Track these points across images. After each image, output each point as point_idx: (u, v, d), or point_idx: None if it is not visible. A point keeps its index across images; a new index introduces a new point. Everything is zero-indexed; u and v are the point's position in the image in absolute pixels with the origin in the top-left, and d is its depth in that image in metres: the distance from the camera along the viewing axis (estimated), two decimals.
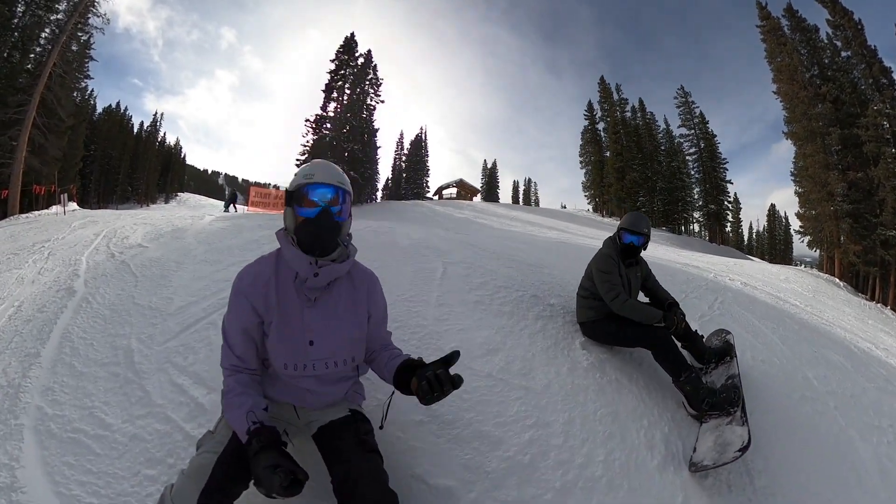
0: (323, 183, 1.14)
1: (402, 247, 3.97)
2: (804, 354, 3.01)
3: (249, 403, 1.07)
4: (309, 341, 1.15)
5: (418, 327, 2.17)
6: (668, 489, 1.43)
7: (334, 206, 1.15)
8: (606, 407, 1.76)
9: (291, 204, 1.17)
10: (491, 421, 1.57)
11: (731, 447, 1.54)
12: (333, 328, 1.17)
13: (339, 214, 1.17)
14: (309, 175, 1.15)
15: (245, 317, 1.15)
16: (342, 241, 1.20)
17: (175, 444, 1.53)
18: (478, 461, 1.40)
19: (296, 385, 1.19)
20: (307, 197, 1.15)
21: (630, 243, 2.29)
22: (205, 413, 1.66)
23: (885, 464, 1.95)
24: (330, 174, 1.16)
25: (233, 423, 1.07)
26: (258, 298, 1.15)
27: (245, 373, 1.16)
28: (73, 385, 1.90)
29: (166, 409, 1.70)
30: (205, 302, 2.65)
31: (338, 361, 1.18)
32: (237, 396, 1.09)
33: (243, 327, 1.15)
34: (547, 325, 2.40)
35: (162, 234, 4.91)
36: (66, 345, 2.26)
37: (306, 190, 1.15)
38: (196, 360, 2.01)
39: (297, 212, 1.15)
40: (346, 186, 1.18)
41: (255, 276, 1.18)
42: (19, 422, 1.68)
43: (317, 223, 1.13)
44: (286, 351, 1.15)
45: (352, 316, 1.21)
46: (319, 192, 1.14)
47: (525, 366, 1.93)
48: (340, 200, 1.17)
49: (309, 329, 1.15)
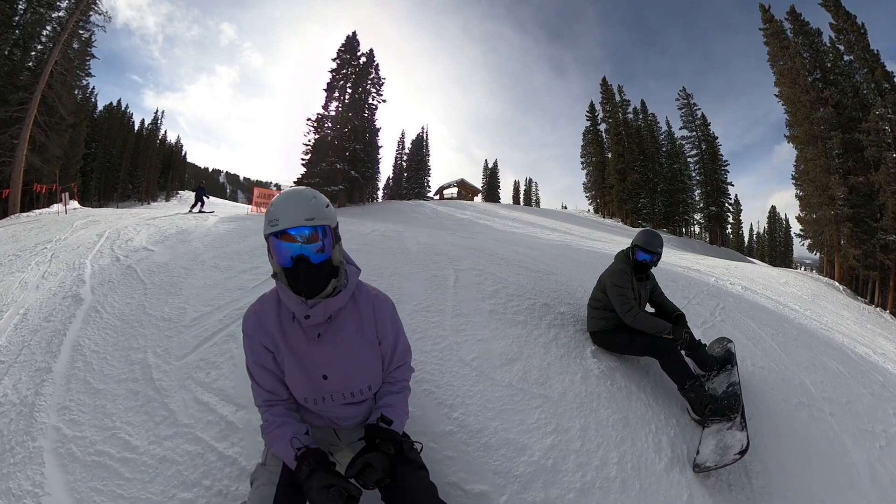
0: (291, 227, 1.03)
1: (412, 252, 4.09)
2: (802, 361, 3.13)
3: (291, 432, 1.08)
4: (322, 376, 1.14)
5: (438, 338, 2.27)
6: (674, 488, 1.58)
7: (311, 244, 1.05)
8: (618, 413, 1.90)
9: (269, 249, 1.08)
10: (515, 428, 1.69)
11: (731, 450, 1.67)
12: (343, 361, 1.14)
13: (320, 252, 1.06)
14: (273, 221, 1.04)
15: (261, 355, 1.15)
16: (340, 269, 1.13)
17: (209, 465, 1.49)
18: (506, 466, 1.51)
19: (324, 414, 1.20)
20: (275, 244, 1.05)
21: (644, 261, 2.43)
22: (237, 431, 1.63)
23: (877, 468, 2.07)
24: (296, 212, 1.04)
25: (280, 454, 1.07)
26: (266, 338, 1.14)
27: (280, 405, 1.16)
28: (91, 403, 1.82)
29: (195, 429, 1.65)
30: (220, 313, 2.59)
31: (354, 392, 1.17)
32: (277, 428, 1.10)
33: (262, 365, 1.15)
34: (559, 334, 2.53)
35: (167, 237, 4.82)
36: (78, 359, 2.17)
37: (272, 241, 1.05)
38: (220, 376, 1.96)
39: (272, 257, 1.08)
40: (318, 221, 1.05)
41: (258, 317, 1.16)
42: (38, 444, 1.61)
43: (294, 273, 1.06)
44: (303, 387, 1.15)
45: (360, 345, 1.16)
46: (288, 242, 1.04)
47: (542, 375, 2.06)
48: (319, 236, 1.06)
49: (320, 364, 1.13)
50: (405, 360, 1.29)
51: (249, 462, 1.50)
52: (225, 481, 1.44)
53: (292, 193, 1.09)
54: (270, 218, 1.06)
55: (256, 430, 1.54)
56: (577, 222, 22.75)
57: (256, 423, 1.57)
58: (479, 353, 2.16)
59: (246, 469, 1.47)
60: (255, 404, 1.19)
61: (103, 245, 4.60)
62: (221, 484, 1.43)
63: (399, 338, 1.26)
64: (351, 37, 26.27)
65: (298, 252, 1.05)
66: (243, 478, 1.45)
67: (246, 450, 1.55)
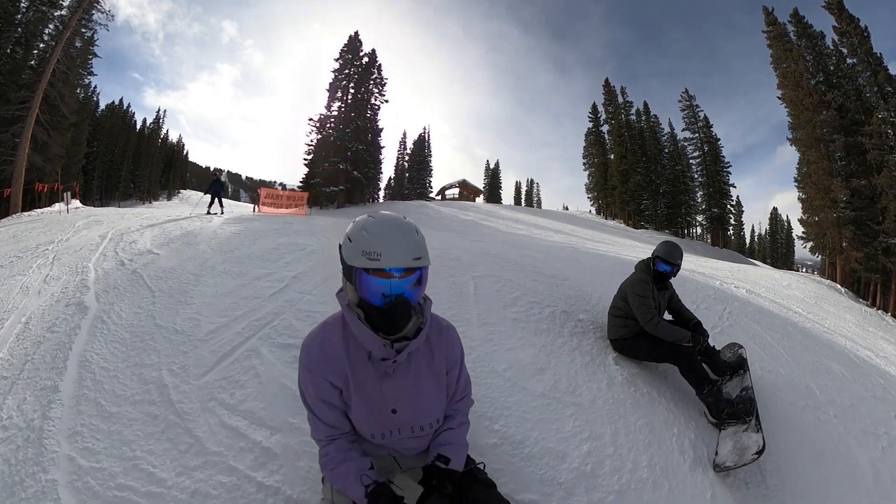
0: (395, 267, 0.92)
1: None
2: (807, 365, 3.28)
3: (356, 467, 1.04)
4: (392, 410, 1.09)
5: (469, 349, 2.33)
6: (699, 487, 1.73)
7: (416, 287, 0.98)
8: (643, 418, 2.04)
9: (351, 279, 0.98)
10: (553, 437, 1.79)
11: (748, 451, 1.83)
12: (414, 396, 1.10)
13: (416, 287, 0.99)
14: (373, 255, 0.91)
15: (325, 392, 1.06)
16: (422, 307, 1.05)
17: (249, 497, 1.38)
18: (550, 475, 1.60)
19: (388, 446, 1.16)
20: (373, 284, 0.95)
21: (664, 272, 2.57)
22: (275, 459, 1.51)
23: (879, 468, 2.21)
24: (404, 251, 0.92)
25: (347, 491, 1.04)
26: (331, 374, 1.05)
27: (342, 438, 1.11)
28: (105, 429, 1.66)
29: (227, 458, 1.52)
30: (237, 325, 2.45)
31: (423, 426, 1.13)
32: (342, 464, 1.06)
33: (327, 401, 1.07)
34: (582, 342, 2.67)
35: (172, 240, 4.61)
36: (86, 376, 2.01)
37: (370, 279, 0.94)
38: (246, 397, 1.82)
39: (359, 293, 0.98)
40: (424, 261, 0.96)
41: (322, 350, 1.06)
42: (50, 476, 1.45)
43: (387, 313, 0.96)
44: (370, 423, 1.09)
45: (430, 380, 1.12)
46: (382, 277, 0.94)
47: (571, 383, 2.20)
48: (419, 280, 0.98)
49: (390, 400, 1.08)
50: (466, 391, 1.25)
51: (294, 490, 1.41)
52: None
53: (395, 224, 0.96)
54: (367, 249, 0.92)
55: (296, 455, 1.52)
56: (580, 224, 22.85)
57: (295, 448, 1.56)
58: (510, 364, 2.26)
59: (292, 498, 1.39)
60: (312, 437, 1.13)
61: (106, 247, 4.44)
62: None
63: (463, 370, 1.22)
64: (353, 37, 26.34)
65: (398, 290, 0.95)
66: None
67: (288, 477, 1.45)
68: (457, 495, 1.03)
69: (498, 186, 46.24)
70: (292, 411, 1.74)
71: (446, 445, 1.13)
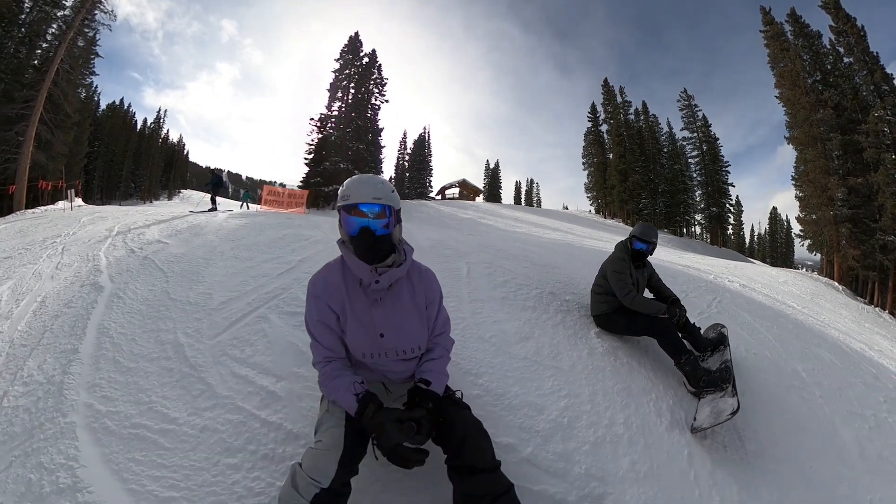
0: (360, 203, 1.22)
1: (424, 247, 4.26)
2: (795, 350, 3.25)
3: (347, 381, 1.21)
4: (380, 334, 1.29)
5: (459, 320, 2.43)
6: (675, 447, 1.76)
7: (379, 220, 1.24)
8: (621, 384, 2.08)
9: (339, 220, 1.29)
10: (533, 392, 1.88)
11: (724, 412, 1.86)
12: (399, 322, 1.31)
13: (385, 227, 1.25)
14: (345, 196, 1.24)
15: (324, 314, 1.28)
16: (397, 246, 1.31)
17: (253, 431, 1.51)
18: (529, 423, 1.70)
19: (378, 368, 1.34)
20: (345, 217, 1.25)
21: (640, 249, 2.65)
22: (279, 400, 1.64)
23: (865, 445, 2.20)
24: (365, 192, 1.23)
25: (340, 401, 1.20)
26: (332, 300, 1.28)
27: (337, 360, 1.29)
28: (123, 381, 1.80)
29: (235, 400, 1.65)
30: (247, 297, 2.61)
31: (406, 350, 1.32)
32: (335, 379, 1.23)
33: (325, 323, 1.29)
34: (566, 318, 2.72)
35: (179, 231, 4.80)
36: (105, 340, 2.14)
37: (343, 214, 1.26)
38: (255, 352, 1.97)
39: (342, 227, 1.28)
40: (384, 200, 1.24)
41: (325, 281, 1.31)
42: (69, 420, 1.58)
43: (360, 240, 1.23)
44: (362, 343, 1.29)
45: (413, 310, 1.34)
46: (356, 214, 1.24)
47: (553, 350, 2.26)
48: (386, 214, 1.25)
49: (378, 324, 1.28)
50: (445, 328, 1.45)
51: (295, 426, 1.54)
52: (271, 445, 1.46)
53: (364, 176, 1.30)
54: (343, 194, 1.25)
55: (300, 397, 1.66)
56: (579, 222, 22.93)
57: (299, 392, 1.68)
58: (496, 333, 2.34)
59: (292, 432, 1.51)
60: (312, 363, 1.33)
61: (115, 239, 4.56)
62: (267, 448, 1.45)
63: (441, 308, 1.45)
64: (353, 37, 26.50)
65: (365, 224, 1.24)
66: (289, 441, 1.48)
67: (290, 416, 1.58)
68: (435, 412, 1.20)
69: (498, 186, 46.36)
70: (297, 362, 1.89)
71: (428, 372, 1.32)
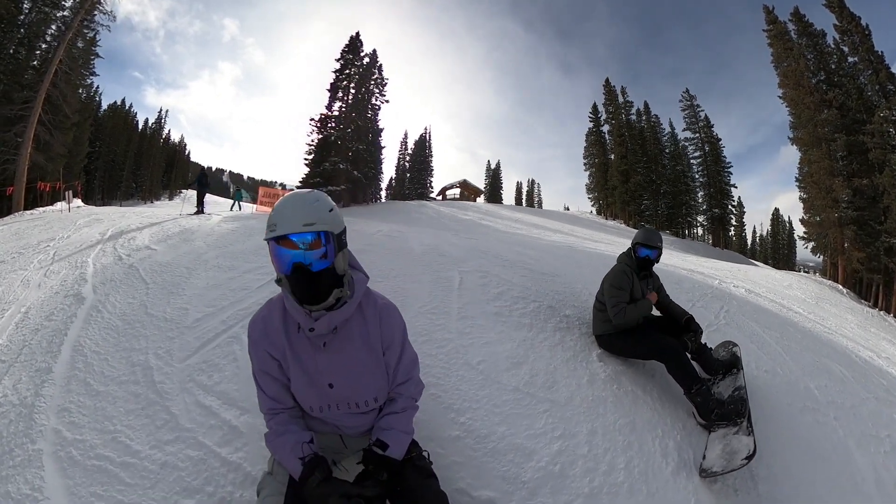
0: (289, 233, 0.98)
1: (417, 253, 4.12)
2: (806, 365, 3.14)
3: (293, 440, 1.07)
4: (328, 384, 1.10)
5: (444, 341, 2.28)
6: (681, 493, 1.59)
7: (313, 250, 0.99)
8: (624, 417, 1.91)
9: (271, 254, 1.03)
10: (522, 433, 1.69)
11: (738, 455, 1.69)
12: (349, 371, 1.11)
13: (323, 258, 1.00)
14: (272, 226, 0.99)
15: (265, 362, 1.12)
16: (344, 280, 1.06)
17: (212, 471, 1.46)
18: (514, 472, 1.51)
19: (331, 421, 1.17)
20: (275, 250, 1.00)
21: (646, 257, 2.46)
22: (240, 436, 1.60)
23: (881, 473, 2.07)
24: (296, 217, 0.98)
25: (284, 462, 1.07)
26: (271, 346, 1.11)
27: (283, 413, 1.14)
28: (91, 406, 1.80)
29: (196, 434, 1.62)
30: (223, 314, 2.58)
31: (360, 402, 1.13)
32: (280, 437, 1.09)
33: (268, 372, 1.13)
34: (565, 338, 2.54)
35: (170, 236, 4.81)
36: (78, 359, 2.16)
37: (272, 246, 1.00)
38: (222, 379, 1.93)
39: (273, 262, 1.03)
40: (318, 226, 0.99)
41: (264, 324, 1.13)
42: (37, 447, 1.58)
43: (293, 279, 1.00)
44: (308, 395, 1.12)
45: (367, 355, 1.12)
46: (288, 248, 0.99)
47: (548, 379, 2.07)
48: (323, 242, 1.00)
49: (325, 373, 1.10)
50: (412, 373, 1.23)
51: (254, 468, 1.47)
52: (228, 487, 1.42)
53: (294, 196, 1.04)
54: (270, 222, 1.01)
55: (261, 434, 1.49)
56: (580, 224, 22.74)
57: (261, 428, 1.52)
58: (485, 357, 2.16)
59: (251, 475, 1.45)
60: (260, 411, 1.18)
61: (106, 244, 4.63)
62: (225, 490, 1.40)
63: (405, 349, 1.21)
64: (354, 37, 26.35)
65: (299, 259, 0.99)
66: (247, 484, 1.41)
67: (250, 455, 1.52)
68: (392, 482, 1.05)
69: (499, 187, 46.16)
70: None
71: (387, 430, 1.13)
